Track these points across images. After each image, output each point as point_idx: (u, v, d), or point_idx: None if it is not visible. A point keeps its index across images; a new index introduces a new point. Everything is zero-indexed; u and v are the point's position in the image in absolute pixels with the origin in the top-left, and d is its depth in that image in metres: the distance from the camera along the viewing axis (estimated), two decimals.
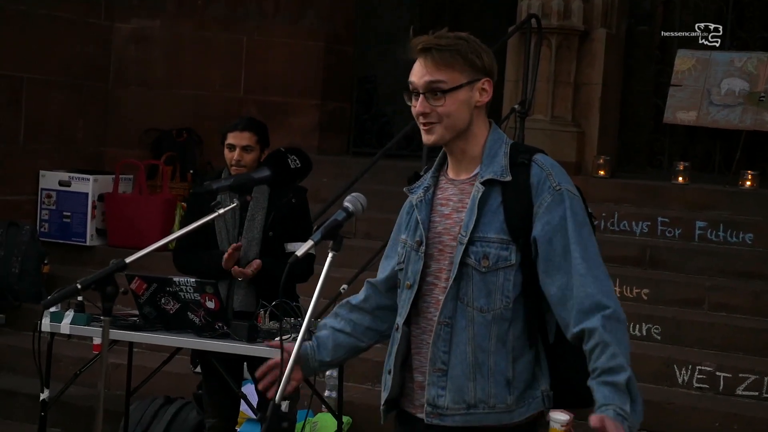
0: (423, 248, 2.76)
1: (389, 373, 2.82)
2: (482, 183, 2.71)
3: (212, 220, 4.00)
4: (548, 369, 2.76)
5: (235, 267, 4.66)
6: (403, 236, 2.85)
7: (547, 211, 2.67)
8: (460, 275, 2.69)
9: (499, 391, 2.69)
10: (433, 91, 2.72)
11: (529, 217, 2.68)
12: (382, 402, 2.85)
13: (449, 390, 2.71)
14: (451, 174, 2.81)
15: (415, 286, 2.77)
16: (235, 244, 4.64)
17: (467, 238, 2.69)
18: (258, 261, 4.66)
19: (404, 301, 2.80)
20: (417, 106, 2.74)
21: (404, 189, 2.89)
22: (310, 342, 2.98)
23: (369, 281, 3.03)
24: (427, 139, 2.77)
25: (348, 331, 2.98)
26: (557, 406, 2.82)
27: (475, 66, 2.72)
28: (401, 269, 2.83)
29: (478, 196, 2.70)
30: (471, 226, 2.69)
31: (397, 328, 2.81)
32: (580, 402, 2.83)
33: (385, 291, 2.97)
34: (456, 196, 2.77)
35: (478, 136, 2.77)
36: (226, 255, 4.63)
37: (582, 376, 2.76)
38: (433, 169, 2.85)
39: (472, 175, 2.76)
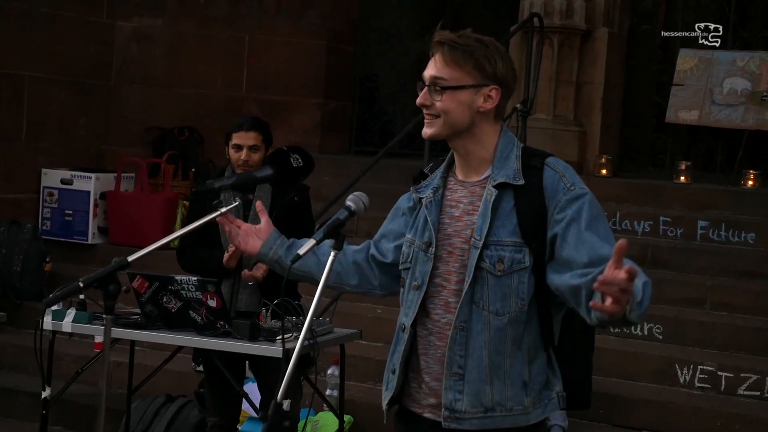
0: (432, 249, 2.75)
1: (393, 372, 2.81)
2: (495, 186, 2.70)
3: (215, 218, 4.01)
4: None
5: (245, 271, 4.67)
6: (409, 236, 2.84)
7: (562, 210, 2.66)
8: (474, 279, 2.68)
9: (516, 394, 2.69)
10: (434, 85, 2.73)
11: (542, 221, 2.67)
12: (386, 401, 2.84)
13: (466, 394, 2.70)
14: (460, 175, 2.80)
15: (424, 287, 2.76)
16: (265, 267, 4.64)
17: (481, 242, 2.68)
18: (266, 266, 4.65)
19: (411, 301, 2.79)
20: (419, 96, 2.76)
21: (411, 188, 2.88)
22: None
23: (371, 244, 3.01)
24: (424, 132, 2.78)
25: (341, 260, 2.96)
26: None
27: (484, 71, 2.71)
28: (407, 269, 2.82)
29: (492, 200, 2.69)
30: (485, 230, 2.68)
31: (403, 329, 2.80)
32: (581, 404, 2.83)
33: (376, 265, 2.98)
34: (466, 198, 2.76)
35: (484, 140, 2.75)
36: (227, 254, 4.63)
37: (584, 378, 2.76)
38: (442, 169, 2.84)
39: (482, 177, 2.75)
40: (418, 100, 2.76)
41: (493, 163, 2.74)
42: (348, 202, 2.91)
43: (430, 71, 2.74)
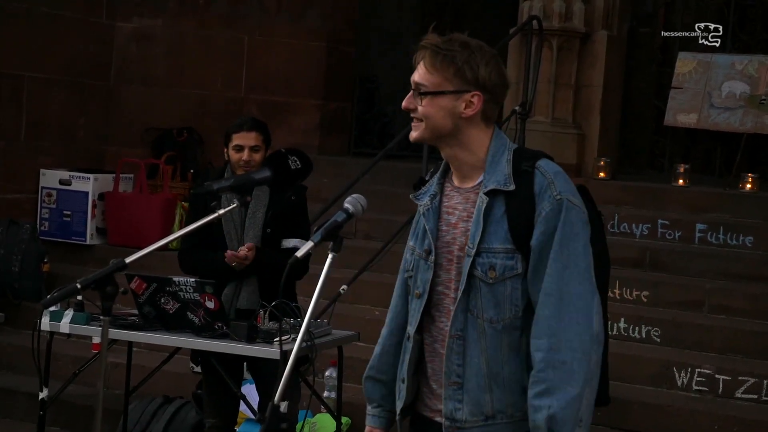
0: (432, 257, 2.74)
1: (403, 381, 2.81)
2: (486, 193, 2.68)
3: (215, 220, 4.01)
4: None
5: (228, 252, 4.65)
6: (411, 243, 2.83)
7: (544, 221, 2.64)
8: (468, 287, 2.67)
9: (517, 400, 2.67)
10: (417, 90, 2.72)
11: (533, 226, 2.65)
12: (398, 411, 2.84)
13: (466, 403, 2.70)
14: (456, 181, 2.78)
15: (425, 296, 2.75)
16: (248, 245, 4.64)
17: (474, 250, 2.66)
18: (251, 243, 4.65)
19: (414, 310, 2.79)
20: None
21: (410, 196, 2.87)
22: (377, 410, 2.95)
23: (388, 314, 2.96)
24: (411, 135, 2.79)
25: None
26: None
27: (465, 77, 2.67)
28: (410, 276, 2.82)
29: (483, 208, 2.67)
30: (477, 238, 2.66)
31: (408, 338, 2.80)
32: (597, 401, 2.82)
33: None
34: (461, 205, 2.74)
35: (472, 146, 2.72)
36: (232, 254, 4.63)
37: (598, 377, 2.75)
38: (438, 175, 2.82)
39: (476, 183, 2.72)
40: (403, 104, 2.75)
41: (484, 169, 2.71)
42: (346, 205, 2.90)
43: (413, 76, 2.73)
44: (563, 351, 2.59)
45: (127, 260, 3.09)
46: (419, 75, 2.71)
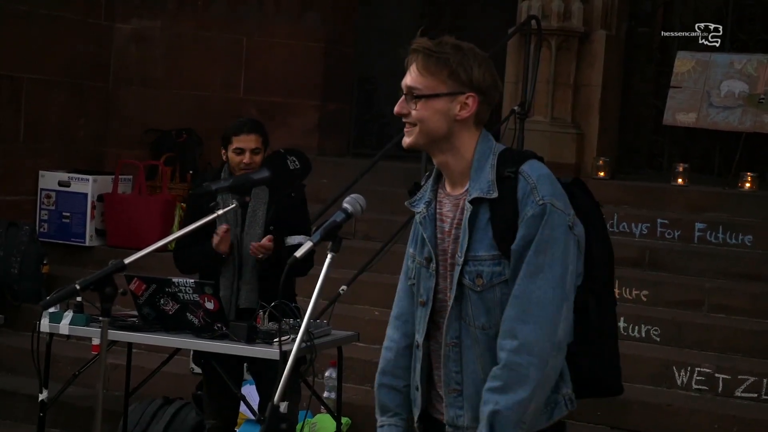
0: (433, 265, 2.74)
1: (417, 389, 2.81)
2: (470, 201, 2.67)
3: (213, 220, 4.02)
4: (569, 370, 2.72)
5: (253, 244, 4.64)
6: (411, 250, 2.83)
7: (525, 225, 2.62)
8: (460, 295, 2.68)
9: None
10: (410, 94, 2.70)
11: (516, 231, 2.63)
12: (416, 419, 2.83)
13: (467, 410, 2.70)
14: (447, 187, 2.78)
15: (429, 303, 2.75)
16: (224, 226, 4.61)
17: (462, 259, 2.66)
18: (270, 235, 4.64)
19: (420, 318, 2.79)
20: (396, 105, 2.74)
21: (406, 203, 2.86)
22: (393, 419, 2.87)
23: (397, 318, 2.92)
24: (404, 141, 2.76)
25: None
26: (588, 398, 2.81)
27: (460, 79, 2.66)
28: (413, 284, 2.82)
29: (468, 217, 2.67)
30: (465, 247, 2.66)
31: (417, 346, 2.80)
32: (609, 391, 2.83)
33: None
34: (452, 212, 2.74)
35: (462, 151, 2.71)
36: (217, 237, 4.60)
37: (607, 367, 2.76)
38: (431, 181, 2.82)
39: (464, 189, 2.72)
40: (395, 109, 2.73)
41: (470, 176, 2.70)
42: (345, 205, 2.91)
43: (406, 80, 2.71)
44: (521, 354, 2.58)
45: (126, 261, 3.10)
46: (412, 79, 2.69)
